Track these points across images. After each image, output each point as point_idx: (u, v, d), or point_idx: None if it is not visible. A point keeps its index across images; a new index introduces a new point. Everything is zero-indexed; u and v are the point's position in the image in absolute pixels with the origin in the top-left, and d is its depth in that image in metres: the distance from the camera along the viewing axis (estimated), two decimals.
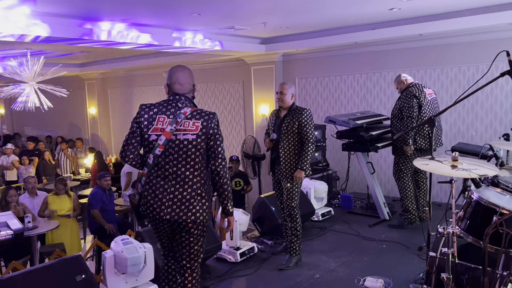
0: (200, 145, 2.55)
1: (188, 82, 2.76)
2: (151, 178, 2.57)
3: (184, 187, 2.54)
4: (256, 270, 3.95)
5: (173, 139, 2.54)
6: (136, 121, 2.63)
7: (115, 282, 3.27)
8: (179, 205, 2.53)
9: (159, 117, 2.58)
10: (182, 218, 2.53)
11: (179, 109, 2.60)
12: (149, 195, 2.56)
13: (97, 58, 9.88)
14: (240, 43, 6.99)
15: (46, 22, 4.67)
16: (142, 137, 2.61)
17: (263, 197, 4.93)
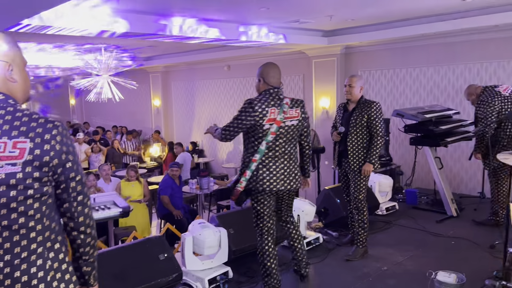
0: (301, 128, 3.23)
1: (280, 77, 3.26)
2: (264, 159, 3.10)
3: (290, 163, 3.19)
4: (323, 260, 4.04)
5: (282, 126, 3.09)
6: (250, 115, 3.03)
7: (192, 263, 3.50)
8: (289, 176, 3.17)
9: (271, 109, 3.05)
10: (293, 186, 3.20)
11: (281, 101, 3.12)
12: (264, 173, 3.09)
13: (162, 52, 10.32)
14: (303, 36, 7.04)
15: (126, 18, 4.99)
16: (253, 127, 3.05)
17: (328, 189, 4.99)
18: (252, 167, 3.10)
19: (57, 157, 1.53)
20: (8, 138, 1.46)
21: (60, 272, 1.58)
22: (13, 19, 4.07)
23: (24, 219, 1.50)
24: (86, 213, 1.65)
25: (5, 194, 1.46)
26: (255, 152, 3.09)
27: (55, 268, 1.57)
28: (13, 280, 1.48)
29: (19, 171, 1.46)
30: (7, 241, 1.48)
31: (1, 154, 1.45)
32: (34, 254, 1.52)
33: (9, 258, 1.48)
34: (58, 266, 1.58)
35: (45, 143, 1.50)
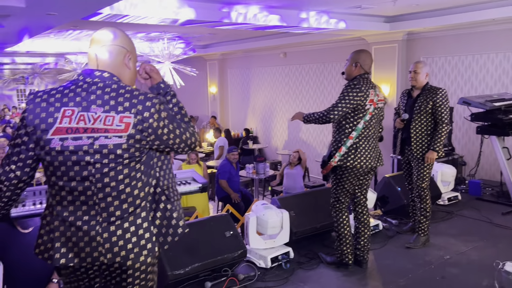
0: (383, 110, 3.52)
1: None
2: (360, 138, 3.33)
3: (377, 141, 3.49)
4: (383, 246, 4.05)
5: (376, 107, 3.37)
6: (358, 95, 3.27)
7: (255, 241, 3.64)
8: (378, 154, 3.49)
9: (371, 91, 3.32)
10: (381, 164, 3.50)
11: (373, 84, 3.39)
12: (361, 150, 3.33)
13: (220, 40, 10.52)
14: (364, 22, 6.93)
15: (192, 6, 5.17)
16: (357, 106, 3.28)
17: (388, 177, 4.96)
18: (347, 144, 3.32)
19: (154, 133, 1.70)
20: (116, 113, 1.64)
21: (166, 219, 1.80)
22: (91, 9, 4.36)
23: (129, 180, 1.69)
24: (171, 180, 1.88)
25: (113, 161, 1.65)
26: (352, 130, 3.32)
27: (159, 217, 1.79)
28: (123, 230, 1.69)
29: (124, 142, 1.64)
30: (116, 199, 1.68)
31: (110, 127, 1.63)
32: (139, 207, 1.72)
33: (119, 213, 1.69)
34: (162, 215, 1.80)
35: (145, 119, 1.67)
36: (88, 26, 7.31)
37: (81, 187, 1.65)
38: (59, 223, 1.69)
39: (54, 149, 1.63)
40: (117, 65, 1.77)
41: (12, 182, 1.73)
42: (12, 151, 1.72)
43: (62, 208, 1.69)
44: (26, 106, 1.68)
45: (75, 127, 1.62)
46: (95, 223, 1.67)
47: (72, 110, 1.63)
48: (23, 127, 1.68)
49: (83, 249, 1.68)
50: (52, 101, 1.66)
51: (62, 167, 1.65)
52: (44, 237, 1.75)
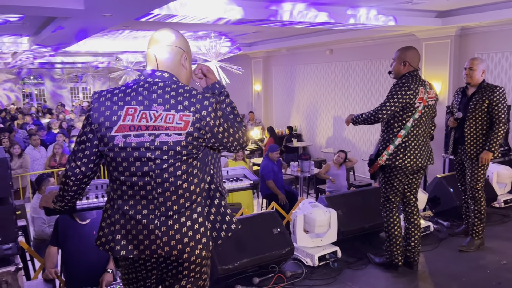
0: (434, 108, 3.40)
1: None
2: (408, 136, 3.25)
3: (427, 140, 3.39)
4: (434, 248, 3.93)
5: (427, 105, 3.28)
6: (406, 93, 3.18)
7: (302, 239, 3.65)
8: (429, 152, 3.38)
9: (421, 89, 3.24)
10: (431, 162, 3.39)
11: (423, 81, 3.30)
12: (411, 149, 3.25)
13: (265, 38, 10.56)
14: (415, 18, 6.72)
15: (240, 5, 5.24)
16: (406, 104, 3.21)
17: (440, 177, 4.80)
18: (396, 142, 3.26)
19: (211, 132, 1.76)
20: (176, 111, 1.71)
21: (220, 215, 1.87)
22: (145, 9, 4.51)
23: (186, 176, 1.76)
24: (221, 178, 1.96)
25: (172, 157, 1.72)
26: (401, 129, 3.26)
27: (213, 212, 1.85)
28: (180, 224, 1.76)
29: (183, 139, 1.71)
30: (174, 194, 1.75)
31: (170, 124, 1.70)
32: (195, 202, 1.79)
33: (176, 208, 1.76)
34: (216, 210, 1.86)
35: (202, 118, 1.73)
36: (139, 26, 7.57)
37: (141, 182, 1.73)
38: (119, 217, 1.78)
39: (117, 146, 1.72)
40: (175, 65, 1.84)
41: (77, 177, 1.85)
42: (77, 148, 1.82)
43: (123, 202, 1.78)
44: (91, 104, 1.78)
45: (137, 125, 1.70)
46: (153, 217, 1.74)
47: (135, 109, 1.71)
48: (88, 124, 1.78)
49: (142, 241, 1.75)
50: (116, 99, 1.74)
51: (124, 163, 1.73)
52: (105, 230, 1.84)
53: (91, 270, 3.46)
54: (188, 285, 1.84)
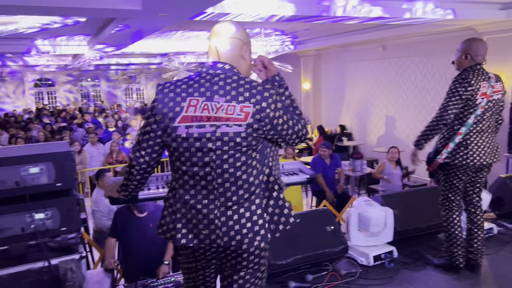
0: (501, 101, 3.21)
1: None
2: (470, 133, 3.09)
3: (493, 136, 3.21)
4: (498, 251, 3.71)
5: (491, 100, 3.08)
6: (467, 90, 3.02)
7: (357, 238, 3.57)
8: (494, 149, 3.18)
9: (483, 84, 3.06)
10: (496, 159, 3.21)
11: (487, 75, 3.10)
12: (473, 147, 3.09)
13: (315, 35, 10.44)
14: (475, 10, 6.38)
15: (292, 2, 5.21)
16: (467, 101, 3.05)
17: (504, 177, 4.53)
18: (456, 140, 3.10)
19: (270, 123, 1.76)
20: (237, 103, 1.72)
21: (278, 208, 1.85)
22: (199, 8, 4.60)
23: (245, 167, 1.77)
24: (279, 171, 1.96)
25: (233, 148, 1.73)
26: (461, 126, 3.10)
27: (272, 204, 1.84)
28: (239, 215, 1.77)
29: (243, 131, 1.72)
30: (233, 185, 1.77)
31: (231, 116, 1.72)
32: (253, 194, 1.80)
33: (235, 198, 1.77)
34: (275, 203, 1.85)
35: (263, 110, 1.73)
36: (191, 26, 7.73)
37: (202, 172, 1.76)
38: (181, 205, 1.82)
39: (180, 136, 1.75)
40: (235, 57, 1.86)
41: (141, 167, 1.90)
42: (142, 138, 1.87)
43: (184, 191, 1.81)
44: (155, 96, 1.83)
45: (199, 116, 1.73)
46: (213, 207, 1.77)
47: (197, 100, 1.75)
48: (152, 115, 1.82)
49: (202, 231, 1.78)
50: (179, 91, 1.78)
51: (186, 153, 1.76)
52: (167, 218, 1.88)
53: (147, 262, 3.57)
54: (247, 276, 1.85)
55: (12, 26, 7.10)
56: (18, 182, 2.53)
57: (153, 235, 3.63)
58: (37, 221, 2.59)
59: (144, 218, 3.63)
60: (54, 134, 10.53)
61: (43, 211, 2.61)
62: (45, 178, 2.61)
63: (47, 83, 21.59)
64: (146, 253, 3.59)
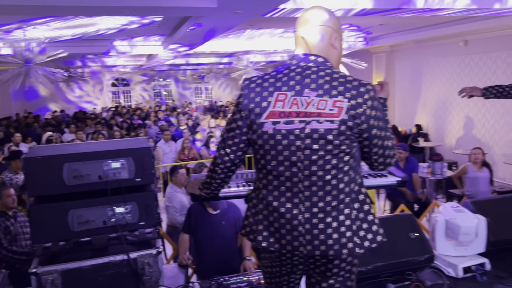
0: None
1: None
2: None
3: None
4: None
5: None
6: None
7: (443, 246, 3.27)
8: None
9: None
10: None
11: None
12: None
13: (390, 31, 9.98)
14: None
15: None
16: None
17: None
18: None
19: (366, 122, 1.60)
20: (329, 97, 1.59)
21: (367, 223, 1.69)
22: (273, 4, 4.51)
23: (336, 171, 1.62)
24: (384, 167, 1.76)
25: (323, 147, 1.59)
26: None
27: (361, 218, 1.67)
28: (325, 224, 1.63)
29: (335, 128, 1.58)
30: (321, 190, 1.63)
31: (322, 111, 1.58)
32: (343, 203, 1.64)
33: (322, 205, 1.63)
34: (364, 217, 1.68)
35: (358, 105, 1.58)
36: (262, 24, 7.70)
37: (288, 173, 1.65)
38: (263, 207, 1.72)
39: (266, 133, 1.65)
40: (325, 46, 1.72)
41: (226, 165, 1.82)
42: (227, 136, 1.79)
43: (267, 192, 1.71)
44: (241, 91, 1.74)
45: (288, 111, 1.62)
46: (297, 212, 1.64)
47: (285, 94, 1.63)
48: (237, 111, 1.74)
49: (284, 236, 1.67)
50: (266, 85, 1.68)
51: (272, 151, 1.66)
52: (250, 219, 1.79)
53: (219, 259, 3.56)
54: (337, 284, 1.71)
55: (93, 28, 7.51)
56: (101, 176, 2.59)
57: (225, 233, 3.62)
58: (117, 214, 2.64)
59: (217, 215, 3.62)
60: (129, 132, 11.03)
61: (123, 205, 2.66)
62: (125, 173, 2.65)
63: (123, 82, 22.82)
64: (218, 250, 3.57)
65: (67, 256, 2.59)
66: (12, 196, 4.04)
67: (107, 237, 2.74)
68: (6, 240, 3.77)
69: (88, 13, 5.00)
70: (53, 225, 2.52)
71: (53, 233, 2.56)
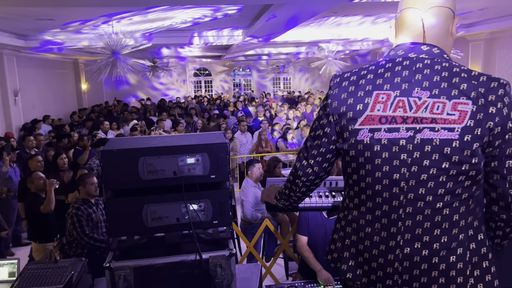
0: None
1: None
2: None
3: None
4: None
5: None
6: None
7: None
8: None
9: None
10: None
11: None
12: None
13: (491, 16, 8.96)
14: None
15: None
16: None
17: None
18: None
19: (501, 125, 1.21)
20: (447, 98, 1.24)
21: (480, 270, 1.30)
22: None
23: (450, 197, 1.26)
24: None
25: (436, 164, 1.25)
26: None
27: (474, 263, 1.30)
28: (430, 265, 1.29)
29: (456, 138, 1.22)
30: (427, 220, 1.28)
31: (438, 115, 1.24)
32: (455, 240, 1.29)
33: (427, 239, 1.29)
34: (478, 262, 1.31)
35: (489, 105, 1.21)
36: (346, 10, 7.26)
37: (386, 194, 1.32)
38: (351, 231, 1.43)
39: (361, 142, 1.34)
40: (442, 34, 1.35)
41: (308, 178, 1.54)
42: (311, 144, 1.51)
43: (358, 214, 1.41)
44: (330, 91, 1.44)
45: (391, 116, 1.30)
46: (394, 244, 1.32)
47: (388, 95, 1.31)
48: (325, 116, 1.44)
49: (375, 270, 1.37)
50: (362, 83, 1.36)
51: (367, 165, 1.35)
52: (337, 243, 1.51)
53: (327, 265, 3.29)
54: None
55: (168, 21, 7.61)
56: (175, 172, 2.49)
57: None
58: (191, 212, 2.53)
59: (332, 221, 3.41)
60: (209, 121, 11.20)
61: (197, 203, 2.54)
62: (200, 169, 2.53)
63: (204, 72, 23.43)
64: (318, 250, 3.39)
65: (140, 252, 2.54)
66: (95, 184, 4.16)
67: (180, 234, 2.66)
68: (88, 227, 3.88)
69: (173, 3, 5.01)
70: (128, 220, 2.48)
71: (127, 228, 2.51)
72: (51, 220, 4.55)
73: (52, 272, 2.81)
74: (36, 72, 12.50)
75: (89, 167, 5.90)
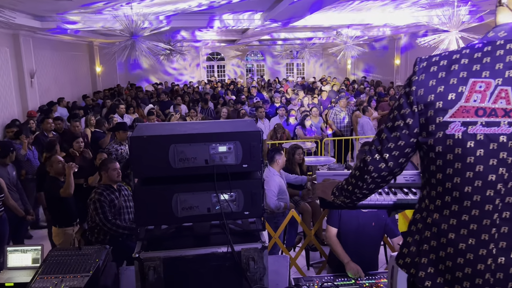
0: None
1: None
2: None
3: None
4: None
5: None
6: None
7: None
8: None
9: None
10: None
11: None
12: None
13: None
14: None
15: None
16: None
17: None
18: None
19: None
20: None
21: None
22: None
23: None
24: None
25: None
26: None
27: None
28: (506, 275, 1.17)
29: None
30: None
31: None
32: None
33: (504, 245, 1.16)
34: None
35: None
36: None
37: (477, 197, 1.18)
38: (431, 235, 1.29)
39: (451, 137, 1.19)
40: None
41: (380, 174, 1.39)
42: (387, 136, 1.34)
43: (440, 217, 1.27)
44: (414, 77, 1.27)
45: (490, 108, 1.14)
46: (485, 253, 1.19)
47: (487, 83, 1.15)
48: (408, 105, 1.27)
49: (460, 281, 1.23)
50: (455, 69, 1.20)
51: (457, 163, 1.20)
52: (412, 248, 1.36)
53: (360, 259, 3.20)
54: None
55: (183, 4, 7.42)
56: (207, 160, 2.38)
57: (373, 234, 3.34)
58: (222, 202, 2.42)
59: (368, 214, 3.30)
60: (223, 106, 11.06)
61: (228, 193, 2.43)
62: (232, 158, 2.41)
63: (217, 57, 23.20)
64: (362, 250, 3.29)
65: (169, 242, 2.45)
66: (117, 169, 4.09)
67: (208, 225, 2.55)
68: (111, 213, 3.82)
69: None
70: (157, 208, 2.38)
71: (156, 217, 2.42)
72: (71, 204, 4.51)
73: (77, 259, 2.74)
74: (51, 54, 12.44)
75: (107, 151, 5.82)
